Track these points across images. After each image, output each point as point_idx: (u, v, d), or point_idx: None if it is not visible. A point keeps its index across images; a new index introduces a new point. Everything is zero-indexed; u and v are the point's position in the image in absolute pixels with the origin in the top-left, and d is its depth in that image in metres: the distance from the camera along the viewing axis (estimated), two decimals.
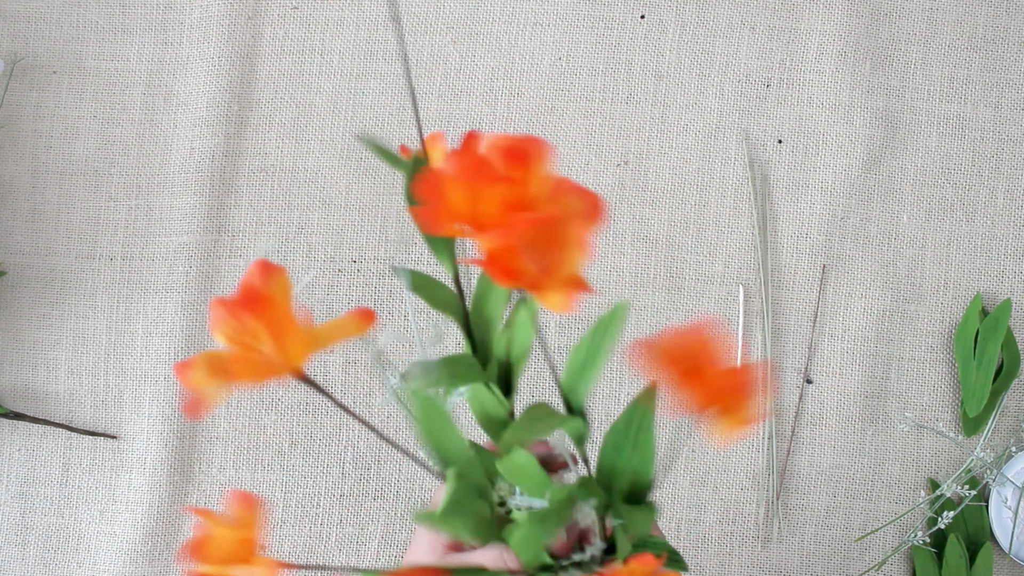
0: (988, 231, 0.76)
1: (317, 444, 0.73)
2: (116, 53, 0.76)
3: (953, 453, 0.75)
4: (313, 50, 0.76)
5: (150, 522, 0.71)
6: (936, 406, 0.75)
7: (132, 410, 0.73)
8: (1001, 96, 0.77)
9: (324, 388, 0.36)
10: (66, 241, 0.74)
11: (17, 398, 0.73)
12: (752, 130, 0.76)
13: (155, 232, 0.74)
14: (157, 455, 0.72)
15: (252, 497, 0.34)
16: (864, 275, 0.75)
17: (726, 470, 0.74)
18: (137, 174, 0.75)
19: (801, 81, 0.76)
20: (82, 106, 0.75)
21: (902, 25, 0.77)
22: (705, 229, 0.75)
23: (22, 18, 0.76)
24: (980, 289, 0.76)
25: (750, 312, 0.75)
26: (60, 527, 0.72)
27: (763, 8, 0.77)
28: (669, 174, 0.76)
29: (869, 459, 0.74)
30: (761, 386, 0.34)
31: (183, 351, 0.73)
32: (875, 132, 0.76)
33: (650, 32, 0.76)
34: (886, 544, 0.74)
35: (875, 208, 0.76)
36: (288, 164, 0.75)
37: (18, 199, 0.75)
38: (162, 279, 0.74)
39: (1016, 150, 0.77)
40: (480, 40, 0.76)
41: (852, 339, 0.75)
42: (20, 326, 0.74)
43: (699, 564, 0.73)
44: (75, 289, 0.74)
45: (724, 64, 0.76)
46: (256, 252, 0.74)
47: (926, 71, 0.77)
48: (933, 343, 0.76)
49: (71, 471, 0.73)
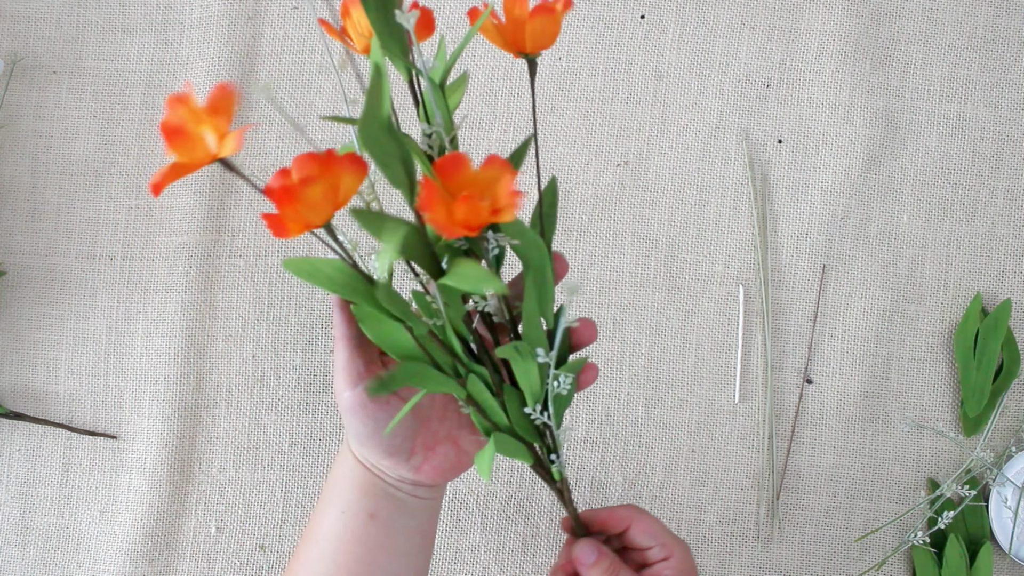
0: (988, 231, 0.76)
1: (317, 444, 0.73)
2: (116, 53, 0.76)
3: (953, 453, 0.75)
4: (313, 50, 0.76)
5: (150, 522, 0.71)
6: (936, 406, 0.75)
7: (132, 410, 0.73)
8: (1001, 96, 0.77)
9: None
10: (66, 241, 0.74)
11: (17, 398, 0.73)
12: (752, 130, 0.76)
13: (155, 232, 0.74)
14: (157, 455, 0.72)
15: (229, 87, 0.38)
16: (864, 275, 0.75)
17: (726, 470, 0.74)
18: (137, 174, 0.75)
19: (801, 81, 0.76)
20: (82, 106, 0.75)
21: (902, 25, 0.77)
22: (705, 229, 0.75)
23: (22, 18, 0.76)
24: (980, 289, 0.76)
25: (750, 312, 0.75)
26: (60, 527, 0.72)
27: (763, 8, 0.77)
28: (669, 174, 0.76)
29: (869, 459, 0.74)
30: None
31: (183, 351, 0.73)
32: (875, 132, 0.76)
33: (650, 32, 0.76)
34: (886, 544, 0.74)
35: (875, 208, 0.76)
36: (288, 164, 0.75)
37: (18, 199, 0.75)
38: (162, 279, 0.74)
39: (1016, 150, 0.77)
40: (480, 40, 0.76)
41: (852, 339, 0.75)
42: (20, 326, 0.74)
43: (699, 564, 0.73)
44: (75, 289, 0.74)
45: (724, 64, 0.76)
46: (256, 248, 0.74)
47: (926, 71, 0.77)
48: (933, 343, 0.76)
49: (71, 471, 0.73)
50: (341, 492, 0.52)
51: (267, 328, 0.73)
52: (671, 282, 0.75)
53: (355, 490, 0.51)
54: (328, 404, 0.73)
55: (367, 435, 0.49)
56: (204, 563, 0.72)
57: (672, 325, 0.74)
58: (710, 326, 0.75)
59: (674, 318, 0.74)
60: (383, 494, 0.51)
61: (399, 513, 0.52)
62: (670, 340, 0.74)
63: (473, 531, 0.72)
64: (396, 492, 0.52)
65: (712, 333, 0.75)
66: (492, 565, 0.72)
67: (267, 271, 0.74)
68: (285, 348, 0.73)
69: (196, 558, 0.72)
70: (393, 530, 0.51)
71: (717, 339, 0.75)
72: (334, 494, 0.52)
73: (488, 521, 0.73)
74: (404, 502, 0.52)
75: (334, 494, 0.52)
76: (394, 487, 0.51)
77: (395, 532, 0.51)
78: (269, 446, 0.73)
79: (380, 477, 0.51)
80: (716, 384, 0.74)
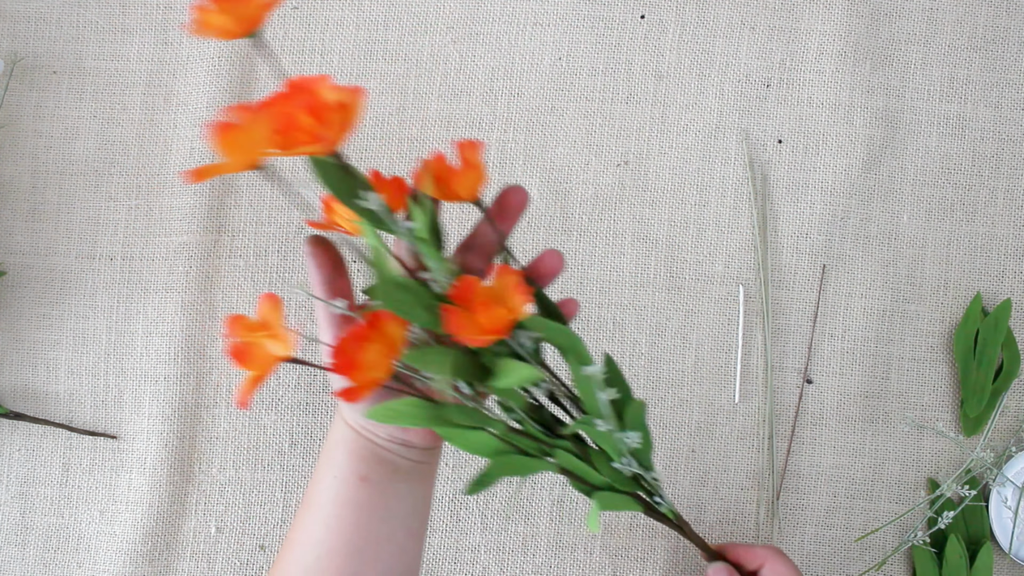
0: (988, 231, 0.76)
1: (317, 444, 0.73)
2: (116, 53, 0.76)
3: (953, 453, 0.75)
4: (313, 50, 0.76)
5: (150, 522, 0.71)
6: (936, 406, 0.75)
7: (132, 410, 0.73)
8: (1001, 96, 0.77)
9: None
10: (66, 241, 0.74)
11: (17, 398, 0.73)
12: (752, 130, 0.76)
13: (155, 232, 0.74)
14: (157, 455, 0.72)
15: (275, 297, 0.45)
16: (864, 275, 0.75)
17: (726, 470, 0.74)
18: (137, 174, 0.75)
19: (801, 81, 0.76)
20: (82, 106, 0.75)
21: (902, 25, 0.77)
22: (705, 229, 0.75)
23: (22, 18, 0.76)
24: (980, 289, 0.76)
25: (750, 312, 0.75)
26: (60, 527, 0.72)
27: (763, 8, 0.77)
28: (669, 174, 0.76)
29: (869, 459, 0.74)
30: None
31: (183, 351, 0.73)
32: (875, 132, 0.76)
33: (650, 32, 0.76)
34: (886, 544, 0.74)
35: (875, 208, 0.76)
36: (288, 164, 0.75)
37: (18, 199, 0.75)
38: (162, 279, 0.74)
39: (1016, 150, 0.77)
40: (480, 40, 0.76)
41: (852, 339, 0.75)
42: (20, 326, 0.74)
43: (699, 564, 0.73)
44: (75, 289, 0.74)
45: (724, 64, 0.76)
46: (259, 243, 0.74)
47: (926, 71, 0.77)
48: (933, 343, 0.76)
49: (71, 471, 0.73)
50: (333, 458, 0.53)
51: None
52: (671, 282, 0.75)
53: (347, 455, 0.52)
54: (328, 404, 0.73)
55: None
56: (204, 563, 0.72)
57: (672, 325, 0.74)
58: (710, 326, 0.75)
59: (674, 318, 0.74)
60: (374, 457, 0.52)
61: (391, 477, 0.52)
62: (670, 340, 0.74)
63: (473, 531, 0.73)
64: (387, 455, 0.52)
65: (712, 333, 0.75)
66: (492, 565, 0.72)
67: (267, 271, 0.74)
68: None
69: (196, 558, 0.72)
70: (385, 493, 0.52)
71: (717, 339, 0.75)
72: (327, 461, 0.53)
73: (488, 521, 0.73)
74: (396, 465, 0.52)
75: (327, 461, 0.53)
76: (385, 449, 0.52)
77: (387, 495, 0.52)
78: (269, 446, 0.73)
79: (371, 440, 0.52)
80: (716, 384, 0.74)
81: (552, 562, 0.72)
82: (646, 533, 0.73)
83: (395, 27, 0.76)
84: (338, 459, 0.52)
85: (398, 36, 0.76)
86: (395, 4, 0.76)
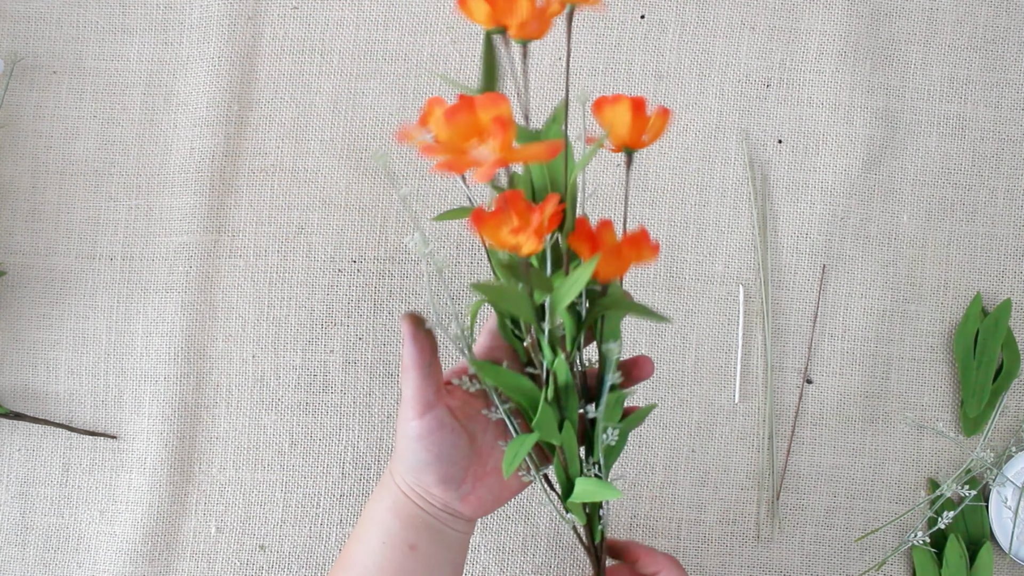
0: (988, 231, 0.76)
1: (317, 444, 0.73)
2: (116, 53, 0.76)
3: (953, 453, 0.75)
4: (313, 50, 0.76)
5: (150, 522, 0.71)
6: (936, 406, 0.75)
7: (132, 410, 0.73)
8: (1001, 96, 0.77)
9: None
10: (66, 241, 0.74)
11: (17, 398, 0.73)
12: (752, 130, 0.76)
13: (155, 232, 0.74)
14: (157, 455, 0.72)
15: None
16: (864, 275, 0.75)
17: (726, 470, 0.74)
18: (137, 174, 0.75)
19: (801, 81, 0.76)
20: (82, 106, 0.75)
21: (902, 25, 0.77)
22: (705, 229, 0.75)
23: (22, 18, 0.76)
24: (980, 289, 0.76)
25: (750, 312, 0.75)
26: (60, 527, 0.72)
27: (763, 8, 0.77)
28: (669, 174, 0.76)
29: (869, 459, 0.74)
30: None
31: (183, 351, 0.73)
32: (875, 132, 0.76)
33: (650, 32, 0.76)
34: (886, 544, 0.74)
35: (875, 208, 0.76)
36: (288, 164, 0.75)
37: (18, 199, 0.75)
38: (162, 279, 0.74)
39: (1016, 150, 0.77)
40: (480, 40, 0.76)
41: (852, 339, 0.75)
42: (20, 326, 0.74)
43: (699, 564, 0.73)
44: (75, 289, 0.74)
45: (724, 64, 0.76)
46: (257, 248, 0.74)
47: (926, 71, 0.77)
48: (933, 343, 0.76)
49: (71, 471, 0.73)
50: (382, 522, 0.52)
51: (267, 328, 0.73)
52: (671, 282, 0.75)
53: (397, 521, 0.52)
54: (328, 404, 0.73)
55: (428, 462, 0.50)
56: (204, 563, 0.72)
57: (672, 325, 0.74)
58: (710, 326, 0.75)
59: (674, 318, 0.74)
60: (424, 526, 0.52)
61: (438, 546, 0.52)
62: (670, 340, 0.74)
63: (473, 531, 0.72)
64: (437, 524, 0.52)
65: (712, 333, 0.75)
66: (492, 565, 0.72)
67: (267, 271, 0.74)
68: (285, 348, 0.73)
69: (196, 558, 0.72)
70: (432, 562, 0.52)
71: (717, 339, 0.75)
72: (374, 524, 0.53)
73: (488, 521, 0.73)
74: (443, 534, 0.52)
75: (374, 524, 0.53)
76: (434, 518, 0.52)
77: (433, 565, 0.52)
78: (269, 446, 0.73)
79: (423, 508, 0.52)
80: (716, 384, 0.74)
81: (552, 562, 0.72)
82: (646, 533, 0.73)
83: (395, 27, 0.76)
84: (388, 524, 0.52)
85: (398, 36, 0.76)
86: (395, 4, 0.76)
